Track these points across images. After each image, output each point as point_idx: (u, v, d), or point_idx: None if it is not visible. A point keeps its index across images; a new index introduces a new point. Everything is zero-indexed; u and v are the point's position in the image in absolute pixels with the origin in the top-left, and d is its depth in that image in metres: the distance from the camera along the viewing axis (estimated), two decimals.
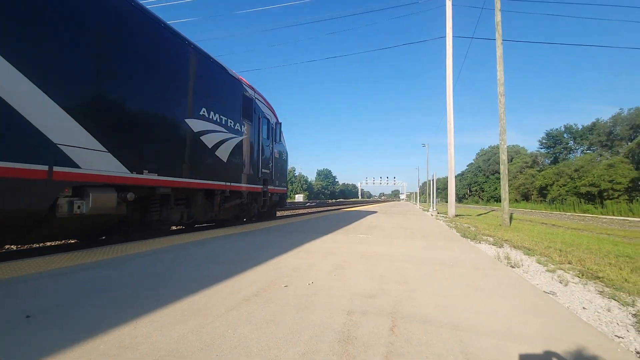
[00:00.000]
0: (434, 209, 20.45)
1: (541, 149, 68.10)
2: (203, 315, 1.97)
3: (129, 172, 4.50)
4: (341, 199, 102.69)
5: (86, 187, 3.95)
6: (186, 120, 5.74)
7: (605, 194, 39.62)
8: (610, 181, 38.90)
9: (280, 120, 10.26)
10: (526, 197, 60.96)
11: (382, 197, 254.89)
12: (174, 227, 7.41)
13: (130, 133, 4.59)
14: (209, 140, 6.38)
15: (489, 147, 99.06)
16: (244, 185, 7.81)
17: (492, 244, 5.87)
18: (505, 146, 11.12)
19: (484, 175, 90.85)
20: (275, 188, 9.84)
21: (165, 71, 5.28)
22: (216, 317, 1.96)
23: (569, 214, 32.83)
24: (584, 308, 2.56)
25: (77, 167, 3.79)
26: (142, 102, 4.80)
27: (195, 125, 5.98)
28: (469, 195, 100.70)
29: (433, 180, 22.01)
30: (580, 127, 60.79)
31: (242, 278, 2.80)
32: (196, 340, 1.66)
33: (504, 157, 11.04)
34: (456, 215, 15.47)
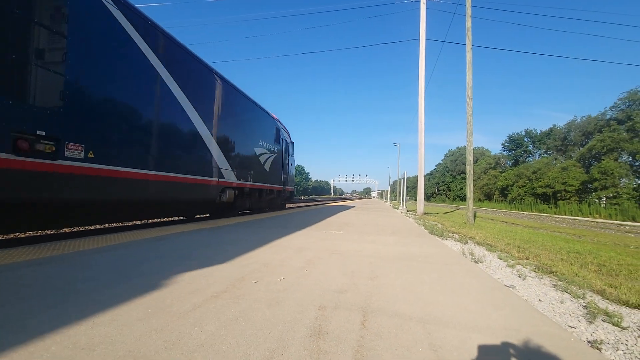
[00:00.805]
0: (404, 206, 21.00)
1: (504, 151, 71.76)
2: (168, 313, 1.88)
3: (237, 180, 8.85)
4: (314, 196, 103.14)
5: (225, 188, 8.14)
6: (254, 148, 10.41)
7: (558, 195, 42.52)
8: (563, 183, 41.74)
9: (292, 140, 15.31)
10: (489, 197, 64.16)
11: (354, 195, 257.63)
12: (240, 212, 10.86)
13: (238, 159, 8.96)
14: (262, 159, 10.97)
15: (457, 148, 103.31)
16: (275, 186, 12.31)
17: (458, 241, 6.12)
18: (472, 147, 11.60)
19: (451, 175, 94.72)
20: (288, 187, 14.37)
21: (249, 122, 9.91)
22: (182, 314, 1.88)
23: (527, 213, 34.98)
24: (540, 300, 2.72)
25: (224, 178, 8.02)
26: (245, 141, 9.53)
27: (257, 151, 10.60)
28: (437, 194, 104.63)
29: (403, 178, 22.60)
30: (539, 132, 64.64)
31: (210, 273, 2.71)
32: (160, 339, 1.58)
33: (470, 158, 11.52)
34: (424, 213, 15.98)
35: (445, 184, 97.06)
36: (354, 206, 21.95)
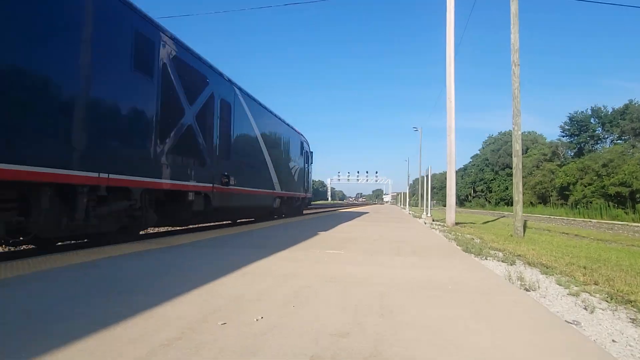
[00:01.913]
0: (428, 214, 21.17)
1: (563, 137, 72.48)
2: None
3: (281, 190, 16.34)
4: None
5: (276, 197, 15.95)
6: (289, 163, 18.09)
7: (638, 195, 43.19)
8: None
9: (312, 150, 23.36)
10: (543, 200, 64.86)
11: (360, 199, 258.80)
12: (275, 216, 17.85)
13: (280, 173, 16.23)
14: (292, 171, 18.54)
15: (499, 133, 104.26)
16: (300, 194, 20.07)
17: (502, 261, 6.20)
18: (520, 133, 11.75)
19: (492, 170, 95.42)
20: (307, 194, 22.34)
21: (287, 143, 17.63)
22: None
23: (595, 221, 35.42)
24: (613, 341, 2.76)
25: (274, 189, 15.60)
26: (284, 158, 17.34)
27: (290, 164, 18.22)
28: (473, 197, 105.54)
29: (428, 175, 22.74)
30: (611, 110, 65.52)
31: (161, 312, 2.70)
32: None
33: (517, 147, 11.66)
34: (457, 223, 16.14)
35: (485, 183, 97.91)
36: (359, 214, 22.06)
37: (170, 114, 8.45)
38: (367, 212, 30.08)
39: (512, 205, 13.74)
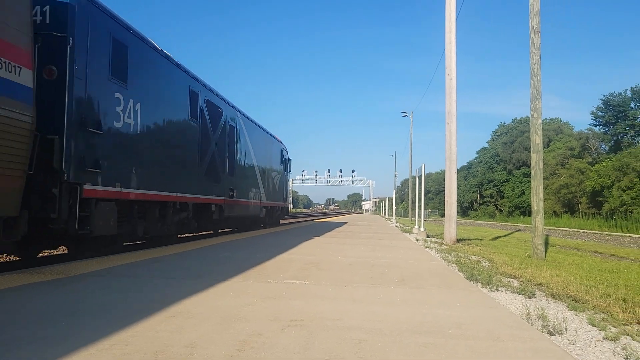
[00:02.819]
0: (421, 227, 21.30)
1: (595, 125, 73.83)
2: None
3: (266, 200, 22.96)
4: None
5: (263, 207, 22.59)
6: (272, 173, 24.41)
7: None
8: None
9: (290, 157, 29.43)
10: (570, 208, 66.49)
11: (331, 207, 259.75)
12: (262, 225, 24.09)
13: (265, 184, 22.76)
14: (275, 181, 25.15)
15: (513, 120, 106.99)
16: (280, 203, 26.81)
17: (518, 292, 6.23)
18: (540, 121, 11.97)
19: (504, 169, 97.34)
20: (286, 203, 28.72)
21: (270, 153, 24.21)
22: None
23: (636, 236, 36.61)
24: None
25: (261, 200, 22.04)
26: (269, 168, 23.66)
27: (272, 174, 24.57)
28: (480, 205, 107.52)
29: (420, 176, 22.89)
30: None
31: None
32: None
33: (537, 140, 11.87)
34: (458, 240, 16.28)
35: (495, 186, 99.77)
36: (332, 228, 22.02)
37: (204, 144, 14.28)
38: (343, 224, 30.24)
39: (529, 215, 14.00)
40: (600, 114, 71.86)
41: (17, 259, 9.78)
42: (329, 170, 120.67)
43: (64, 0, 8.07)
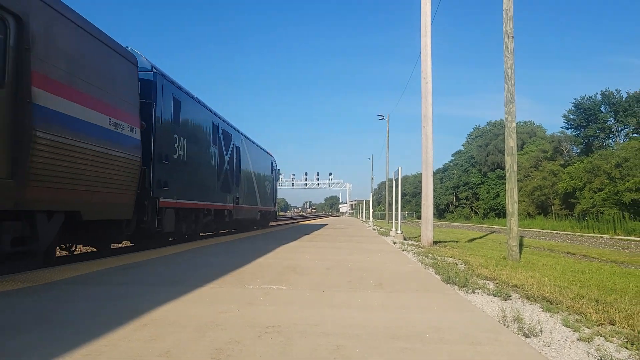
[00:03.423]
0: (398, 230, 21.41)
1: (567, 128, 75.43)
2: None
3: (261, 206, 29.35)
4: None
5: (259, 211, 29.19)
6: (265, 182, 30.88)
7: None
8: None
9: (278, 167, 39.28)
10: (544, 209, 67.58)
11: (309, 210, 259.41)
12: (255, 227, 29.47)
13: (260, 191, 29.01)
14: (267, 189, 31.61)
15: (487, 124, 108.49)
16: (270, 208, 33.54)
17: (494, 294, 6.29)
18: (514, 125, 12.13)
19: (480, 171, 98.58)
20: (275, 208, 36.52)
21: (264, 165, 30.74)
22: None
23: (608, 236, 37.40)
24: None
25: (257, 205, 28.41)
26: (262, 178, 29.97)
27: (265, 184, 31.02)
28: (456, 207, 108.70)
29: (398, 179, 23.02)
30: (625, 95, 69.05)
31: None
32: None
33: (512, 143, 12.03)
34: (435, 243, 16.41)
35: (470, 188, 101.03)
36: (309, 231, 22.02)
37: (220, 164, 19.28)
38: (321, 227, 30.35)
39: (504, 217, 14.15)
40: (571, 117, 73.75)
41: (94, 249, 12.69)
42: (306, 173, 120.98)
43: (149, 78, 12.32)
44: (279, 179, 39.05)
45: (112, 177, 9.79)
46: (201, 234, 18.42)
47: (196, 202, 15.86)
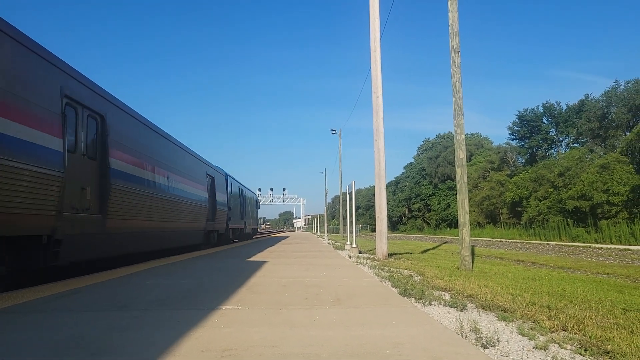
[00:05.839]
0: (353, 243, 21.50)
1: (513, 139, 78.49)
2: None
3: (252, 225, 54.40)
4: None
5: (252, 228, 54.26)
6: (252, 211, 53.79)
7: (599, 210, 47.95)
8: (604, 191, 47.20)
9: (259, 199, 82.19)
10: (493, 219, 69.63)
11: (263, 226, 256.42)
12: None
13: (250, 216, 50.30)
14: (254, 214, 54.68)
15: (437, 136, 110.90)
16: (256, 226, 61.01)
17: (450, 305, 6.41)
18: (463, 137, 12.45)
19: (430, 183, 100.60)
20: (257, 226, 66.54)
21: (249, 201, 50.74)
22: None
23: (554, 243, 38.82)
24: None
25: (252, 225, 52.89)
26: (251, 209, 51.27)
27: (252, 211, 53.32)
28: (408, 219, 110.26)
29: (351, 192, 23.17)
30: (565, 107, 72.52)
31: None
32: None
33: (461, 154, 12.34)
34: (390, 255, 16.54)
35: (422, 200, 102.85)
36: (263, 247, 21.85)
37: (242, 203, 40.56)
38: (276, 242, 30.25)
39: (455, 227, 14.43)
40: (516, 128, 76.83)
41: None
42: (259, 189, 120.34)
43: (225, 174, 31.69)
44: (259, 207, 63.06)
45: (194, 215, 21.12)
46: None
47: (237, 225, 36.64)
